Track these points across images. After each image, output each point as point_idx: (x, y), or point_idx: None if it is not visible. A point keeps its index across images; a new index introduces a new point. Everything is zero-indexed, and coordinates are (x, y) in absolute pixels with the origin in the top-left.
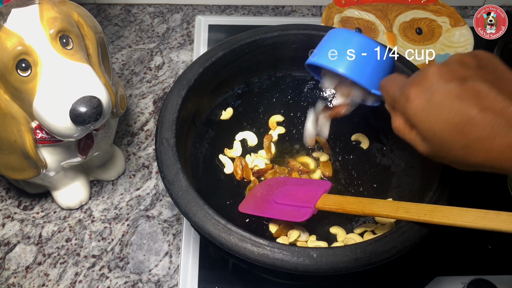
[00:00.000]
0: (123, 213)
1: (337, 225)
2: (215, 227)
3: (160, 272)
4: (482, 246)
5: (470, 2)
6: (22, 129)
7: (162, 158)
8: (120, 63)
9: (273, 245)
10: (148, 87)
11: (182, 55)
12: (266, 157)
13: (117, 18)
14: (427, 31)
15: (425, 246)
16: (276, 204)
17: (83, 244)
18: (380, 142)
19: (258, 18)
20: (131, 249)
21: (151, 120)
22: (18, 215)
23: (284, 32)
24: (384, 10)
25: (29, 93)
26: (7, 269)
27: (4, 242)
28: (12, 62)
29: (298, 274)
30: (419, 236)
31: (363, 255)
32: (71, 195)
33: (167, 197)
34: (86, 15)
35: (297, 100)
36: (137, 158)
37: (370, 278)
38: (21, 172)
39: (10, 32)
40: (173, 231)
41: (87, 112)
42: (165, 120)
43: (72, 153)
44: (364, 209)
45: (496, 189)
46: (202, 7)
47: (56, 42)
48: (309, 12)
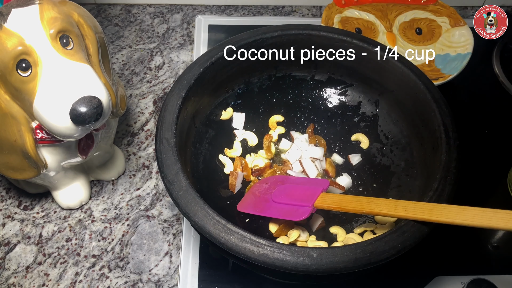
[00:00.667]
0: (123, 213)
1: (337, 225)
2: (215, 227)
3: (160, 272)
4: (482, 246)
5: (470, 2)
6: (23, 129)
7: (162, 158)
8: (120, 63)
9: (273, 245)
10: (148, 87)
11: (182, 55)
12: (266, 157)
13: (117, 18)
14: (427, 31)
15: (425, 246)
16: (274, 203)
17: (83, 244)
18: (380, 142)
19: (258, 18)
20: (131, 249)
21: (151, 120)
22: (18, 215)
23: (284, 32)
24: (384, 10)
25: (29, 93)
26: (7, 269)
27: (4, 242)
28: (12, 62)
29: (298, 274)
30: (419, 236)
31: (363, 255)
32: (71, 195)
33: (167, 197)
34: (86, 15)
35: (297, 100)
36: (137, 158)
37: (370, 278)
38: (21, 172)
39: (10, 32)
40: (173, 231)
41: (87, 112)
42: (165, 120)
43: (72, 153)
44: (362, 208)
45: (496, 189)
46: (202, 7)
47: (56, 42)
48: (309, 12)
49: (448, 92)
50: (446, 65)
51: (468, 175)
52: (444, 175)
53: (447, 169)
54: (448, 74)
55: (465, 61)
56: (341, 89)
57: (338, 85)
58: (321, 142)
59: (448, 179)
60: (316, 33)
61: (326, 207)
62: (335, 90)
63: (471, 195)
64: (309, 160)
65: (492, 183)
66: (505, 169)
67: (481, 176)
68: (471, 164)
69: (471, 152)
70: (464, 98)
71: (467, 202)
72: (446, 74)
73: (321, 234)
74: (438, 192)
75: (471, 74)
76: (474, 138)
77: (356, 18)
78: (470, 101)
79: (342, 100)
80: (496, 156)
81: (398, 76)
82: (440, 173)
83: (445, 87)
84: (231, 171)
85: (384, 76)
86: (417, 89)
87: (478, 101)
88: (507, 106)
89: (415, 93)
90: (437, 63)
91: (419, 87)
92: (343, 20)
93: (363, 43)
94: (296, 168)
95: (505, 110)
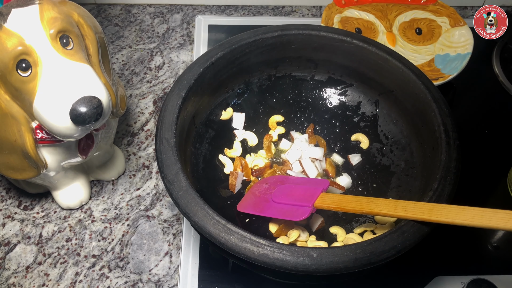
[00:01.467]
0: (123, 213)
1: (337, 225)
2: (215, 227)
3: (160, 272)
4: (482, 246)
5: (470, 2)
6: (23, 129)
7: (162, 158)
8: (120, 63)
9: (273, 245)
10: (148, 87)
11: (182, 55)
12: (266, 157)
13: (117, 18)
14: (427, 31)
15: (425, 246)
16: (274, 203)
17: (83, 244)
18: (380, 142)
19: (258, 18)
20: (131, 249)
21: (151, 120)
22: (19, 215)
23: (284, 32)
24: (384, 10)
25: (29, 93)
26: (8, 269)
27: (4, 242)
28: (12, 62)
29: (298, 274)
30: (419, 236)
31: (363, 255)
32: (71, 195)
33: (167, 197)
34: (86, 15)
35: (297, 100)
36: (137, 158)
37: (370, 278)
38: (21, 172)
39: (10, 32)
40: (173, 231)
41: (87, 112)
42: (165, 120)
43: (72, 153)
44: (362, 208)
45: (496, 189)
46: (202, 7)
47: (56, 42)
48: (309, 12)
49: (448, 92)
50: (446, 65)
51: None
52: (444, 175)
53: (447, 169)
54: (448, 74)
55: (465, 61)
56: (341, 89)
57: (338, 85)
58: (321, 142)
59: (448, 179)
60: (316, 33)
61: (326, 207)
62: (335, 90)
63: (471, 195)
64: (309, 160)
65: (492, 183)
66: (505, 169)
67: (481, 176)
68: (471, 164)
69: (471, 152)
70: (464, 98)
71: (467, 202)
72: (446, 74)
73: (321, 234)
74: (438, 192)
75: (471, 74)
76: (474, 138)
77: (356, 18)
78: (470, 101)
79: (342, 100)
80: (496, 156)
81: (398, 76)
82: (440, 173)
83: (445, 87)
84: (231, 171)
85: (384, 76)
86: (417, 89)
87: (478, 101)
88: (507, 106)
89: (415, 93)
90: (437, 63)
91: (419, 87)
92: (343, 20)
93: (363, 43)
94: (296, 168)
95: (505, 110)
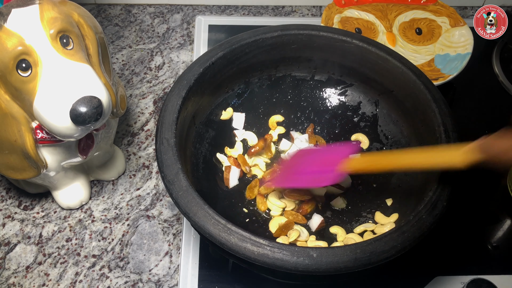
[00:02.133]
0: (123, 213)
1: (337, 225)
2: (215, 227)
3: (160, 272)
4: (482, 246)
5: (470, 2)
6: (23, 129)
7: (162, 158)
8: (120, 63)
9: (273, 245)
10: (148, 87)
11: (182, 55)
12: (266, 157)
13: (117, 18)
14: (427, 31)
15: (425, 246)
16: (303, 174)
17: (83, 244)
18: (380, 142)
19: (258, 18)
20: (131, 249)
21: (151, 120)
22: (19, 215)
23: (284, 32)
24: (384, 10)
25: (29, 93)
26: (8, 269)
27: (4, 242)
28: (12, 62)
29: (298, 273)
30: (418, 236)
31: (363, 255)
32: (72, 195)
33: (167, 197)
34: (86, 15)
35: (297, 100)
36: (137, 158)
37: (370, 278)
38: (21, 172)
39: (11, 32)
40: (173, 231)
41: (88, 112)
42: (165, 120)
43: (73, 153)
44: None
45: (496, 189)
46: (202, 7)
47: (56, 42)
48: (309, 12)
49: (448, 92)
50: (446, 65)
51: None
52: (444, 176)
53: (447, 170)
54: (448, 74)
55: (465, 61)
56: (341, 89)
57: (338, 85)
58: (321, 142)
59: (448, 179)
60: (316, 33)
61: (356, 170)
62: (335, 90)
63: (471, 196)
64: None
65: (492, 183)
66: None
67: (481, 176)
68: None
69: None
70: (464, 98)
71: (467, 202)
72: (446, 74)
73: (321, 234)
74: (438, 192)
75: (471, 74)
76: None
77: (356, 18)
78: (470, 101)
79: (342, 100)
80: None
81: (398, 76)
82: (440, 173)
83: (445, 87)
84: (226, 166)
85: (384, 76)
86: (417, 89)
87: (478, 101)
88: (507, 106)
89: (415, 93)
90: (437, 63)
91: (419, 87)
92: (343, 20)
93: (363, 43)
94: None
95: (505, 110)
